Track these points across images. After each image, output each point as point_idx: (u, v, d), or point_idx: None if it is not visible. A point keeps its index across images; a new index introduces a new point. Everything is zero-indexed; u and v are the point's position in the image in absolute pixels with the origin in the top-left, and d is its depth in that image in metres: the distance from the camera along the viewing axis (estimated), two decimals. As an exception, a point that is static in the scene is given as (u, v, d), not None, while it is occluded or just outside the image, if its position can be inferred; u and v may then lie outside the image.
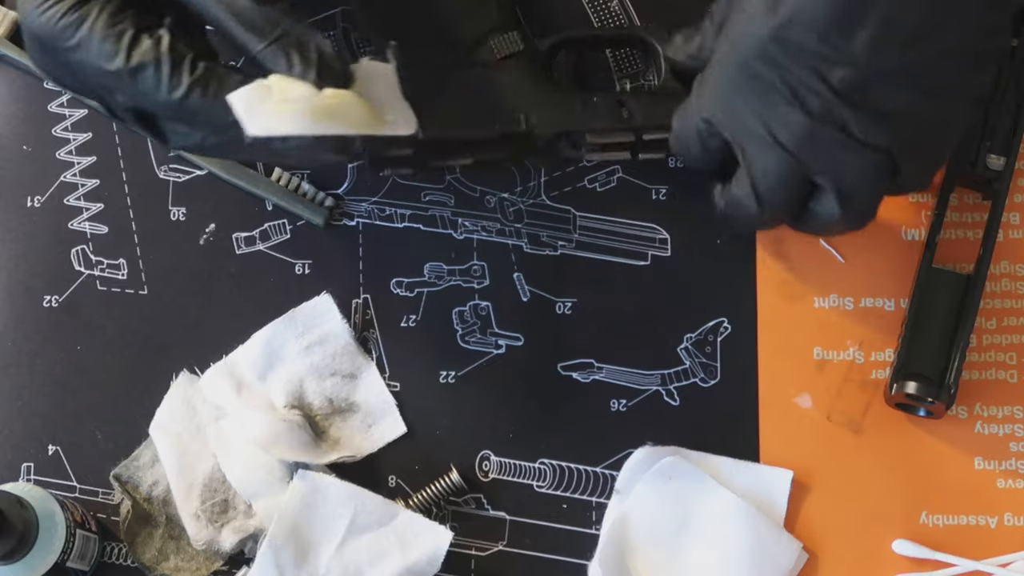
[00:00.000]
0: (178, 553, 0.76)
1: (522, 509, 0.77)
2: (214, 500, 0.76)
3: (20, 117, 0.83)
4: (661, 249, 0.80)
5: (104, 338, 0.80)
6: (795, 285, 0.79)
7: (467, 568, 0.76)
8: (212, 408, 0.77)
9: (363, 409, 0.78)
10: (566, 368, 0.78)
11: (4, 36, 0.83)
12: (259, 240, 0.81)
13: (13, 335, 0.80)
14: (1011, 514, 0.75)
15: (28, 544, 0.70)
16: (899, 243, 0.79)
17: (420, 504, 0.76)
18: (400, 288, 0.80)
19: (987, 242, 0.76)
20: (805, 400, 0.77)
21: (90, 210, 0.81)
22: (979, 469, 0.76)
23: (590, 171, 0.81)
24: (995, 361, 0.77)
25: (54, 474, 0.78)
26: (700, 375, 0.78)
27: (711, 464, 0.76)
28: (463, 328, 0.79)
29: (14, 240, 0.81)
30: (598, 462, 0.77)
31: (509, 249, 0.80)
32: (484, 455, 0.77)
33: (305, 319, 0.78)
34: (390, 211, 0.81)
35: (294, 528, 0.74)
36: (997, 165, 0.77)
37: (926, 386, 0.74)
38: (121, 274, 0.81)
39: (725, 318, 0.79)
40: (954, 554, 0.74)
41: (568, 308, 0.79)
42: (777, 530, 0.75)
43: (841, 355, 0.78)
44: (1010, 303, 0.78)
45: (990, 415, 0.77)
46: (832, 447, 0.77)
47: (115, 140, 0.82)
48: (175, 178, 0.82)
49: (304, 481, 0.75)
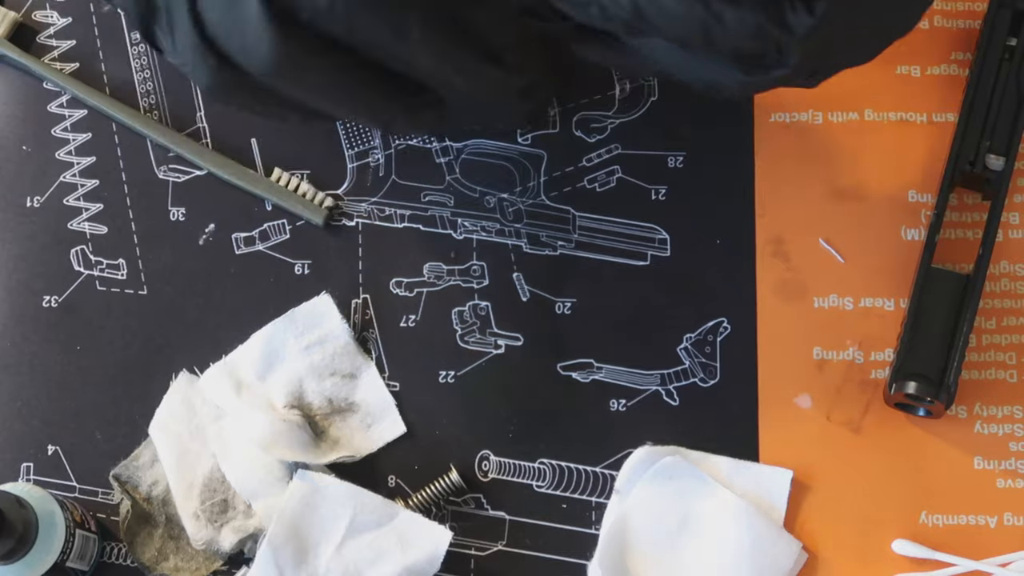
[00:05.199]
0: (178, 553, 0.76)
1: (522, 509, 0.77)
2: (214, 500, 0.76)
3: (20, 117, 0.83)
4: (661, 249, 0.80)
5: (104, 338, 0.80)
6: (795, 285, 0.79)
7: (467, 568, 0.76)
8: (212, 408, 0.77)
9: (363, 409, 0.78)
10: (566, 368, 0.78)
11: (4, 36, 0.84)
12: (259, 240, 0.81)
13: (13, 335, 0.80)
14: (1011, 514, 0.75)
15: (28, 544, 0.70)
16: (899, 243, 0.79)
17: (420, 504, 0.76)
18: (400, 288, 0.80)
19: (987, 242, 0.77)
20: (805, 400, 0.77)
21: (89, 210, 0.82)
22: (979, 469, 0.76)
23: (590, 171, 0.81)
24: (995, 361, 0.77)
25: (54, 474, 0.78)
26: (700, 375, 0.78)
27: (711, 464, 0.76)
28: (462, 328, 0.79)
29: (14, 240, 0.81)
30: (598, 462, 0.77)
31: (509, 249, 0.80)
32: (484, 455, 0.77)
33: (305, 319, 0.79)
34: (390, 211, 0.81)
35: (294, 528, 0.74)
36: (997, 165, 0.77)
37: (926, 386, 0.74)
38: (121, 274, 0.81)
39: (725, 318, 0.79)
40: (954, 554, 0.74)
41: (568, 308, 0.79)
42: (777, 530, 0.75)
43: (841, 355, 0.78)
44: (1010, 303, 0.78)
45: (990, 415, 0.77)
46: (832, 447, 0.77)
47: (115, 140, 0.82)
48: (175, 178, 0.82)
49: (304, 481, 0.75)
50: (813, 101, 0.81)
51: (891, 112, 0.81)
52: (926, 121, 0.81)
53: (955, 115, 0.80)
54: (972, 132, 0.78)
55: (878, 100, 0.81)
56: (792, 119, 0.81)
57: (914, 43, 0.82)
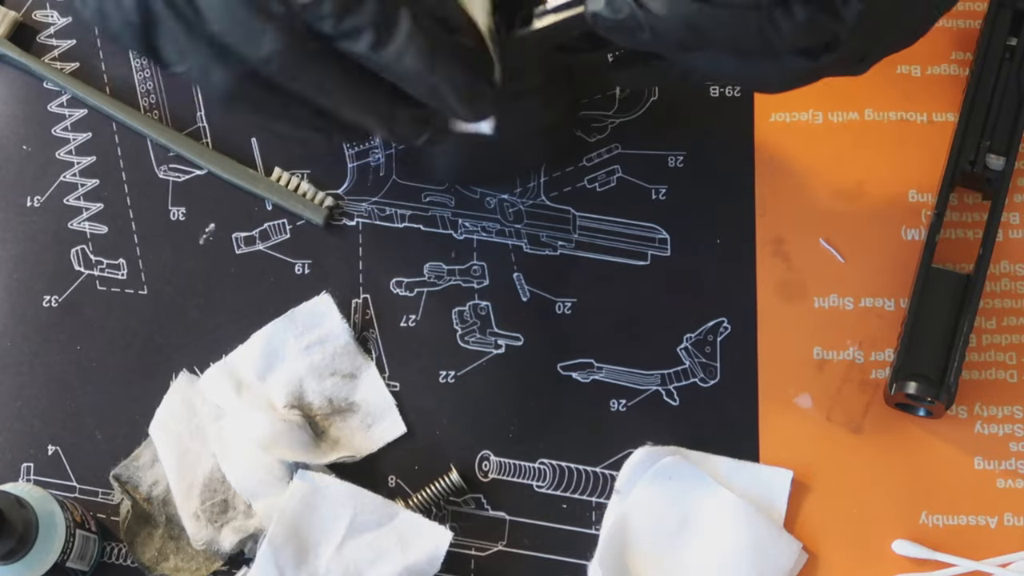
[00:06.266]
0: (178, 553, 0.76)
1: (522, 509, 0.77)
2: (214, 500, 0.76)
3: (20, 117, 0.83)
4: (661, 249, 0.80)
5: (104, 338, 0.80)
6: (795, 285, 0.79)
7: (467, 568, 0.76)
8: (212, 408, 0.77)
9: (363, 409, 0.78)
10: (566, 368, 0.78)
11: (4, 36, 0.84)
12: (259, 240, 0.81)
13: (13, 335, 0.80)
14: (1011, 514, 0.75)
15: (28, 544, 0.70)
16: (899, 243, 0.79)
17: (420, 504, 0.76)
18: (400, 288, 0.80)
19: (987, 242, 0.77)
20: (805, 400, 0.77)
21: (90, 210, 0.81)
22: (979, 469, 0.76)
23: (590, 171, 0.81)
24: (995, 361, 0.77)
25: (54, 474, 0.78)
26: (700, 375, 0.78)
27: (711, 464, 0.76)
28: (463, 328, 0.79)
29: (14, 240, 0.81)
30: (598, 462, 0.77)
31: (509, 249, 0.80)
32: (484, 455, 0.77)
33: (305, 319, 0.79)
34: (390, 211, 0.81)
35: (294, 528, 0.74)
36: (997, 165, 0.77)
37: (926, 386, 0.74)
38: (121, 274, 0.81)
39: (725, 318, 0.79)
40: (954, 554, 0.74)
41: (568, 308, 0.79)
42: (777, 530, 0.75)
43: (841, 355, 0.78)
44: (1010, 303, 0.78)
45: (990, 415, 0.77)
46: (832, 447, 0.77)
47: (115, 140, 0.82)
48: (175, 178, 0.82)
49: (304, 481, 0.75)
50: (813, 101, 0.81)
51: (891, 112, 0.81)
52: (926, 121, 0.81)
53: (955, 115, 0.80)
54: (972, 132, 0.78)
55: (878, 100, 0.81)
56: (792, 119, 0.81)
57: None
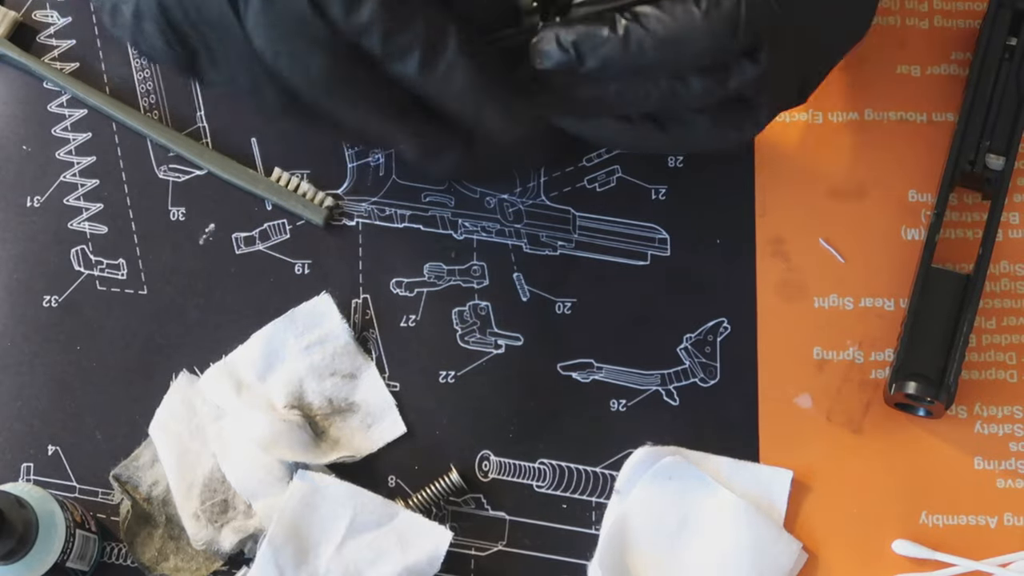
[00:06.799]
0: (178, 553, 0.76)
1: (522, 509, 0.77)
2: (214, 500, 0.76)
3: (20, 117, 0.83)
4: (661, 249, 0.80)
5: (104, 338, 0.80)
6: (795, 285, 0.79)
7: (467, 568, 0.76)
8: (212, 408, 0.77)
9: (363, 409, 0.78)
10: (566, 368, 0.78)
11: (4, 36, 0.84)
12: (259, 240, 0.81)
13: (13, 335, 0.80)
14: (1011, 514, 0.75)
15: (28, 544, 0.70)
16: (899, 243, 0.79)
17: (420, 504, 0.76)
18: (400, 288, 0.80)
19: (987, 242, 0.77)
20: (805, 400, 0.77)
21: (90, 210, 0.81)
22: (979, 469, 0.76)
23: (590, 171, 0.81)
24: (995, 361, 0.77)
25: (54, 474, 0.78)
26: (700, 375, 0.78)
27: (711, 464, 0.76)
28: (463, 328, 0.79)
29: (14, 240, 0.81)
30: (598, 462, 0.77)
31: (509, 249, 0.80)
32: (484, 455, 0.77)
33: (305, 319, 0.78)
34: (390, 211, 0.81)
35: (294, 528, 0.74)
36: (997, 165, 0.77)
37: (926, 386, 0.74)
38: (121, 274, 0.81)
39: (725, 318, 0.79)
40: (954, 554, 0.74)
41: (568, 308, 0.79)
42: (777, 530, 0.75)
43: (841, 355, 0.78)
44: (1010, 303, 0.78)
45: (990, 415, 0.77)
46: (832, 447, 0.77)
47: (115, 140, 0.82)
48: (175, 178, 0.82)
49: (304, 481, 0.75)
50: (813, 101, 0.81)
51: (891, 112, 0.81)
52: (926, 121, 0.81)
53: (955, 115, 0.80)
54: (972, 132, 0.78)
55: (878, 100, 0.81)
56: (792, 119, 0.81)
57: (914, 43, 0.82)
